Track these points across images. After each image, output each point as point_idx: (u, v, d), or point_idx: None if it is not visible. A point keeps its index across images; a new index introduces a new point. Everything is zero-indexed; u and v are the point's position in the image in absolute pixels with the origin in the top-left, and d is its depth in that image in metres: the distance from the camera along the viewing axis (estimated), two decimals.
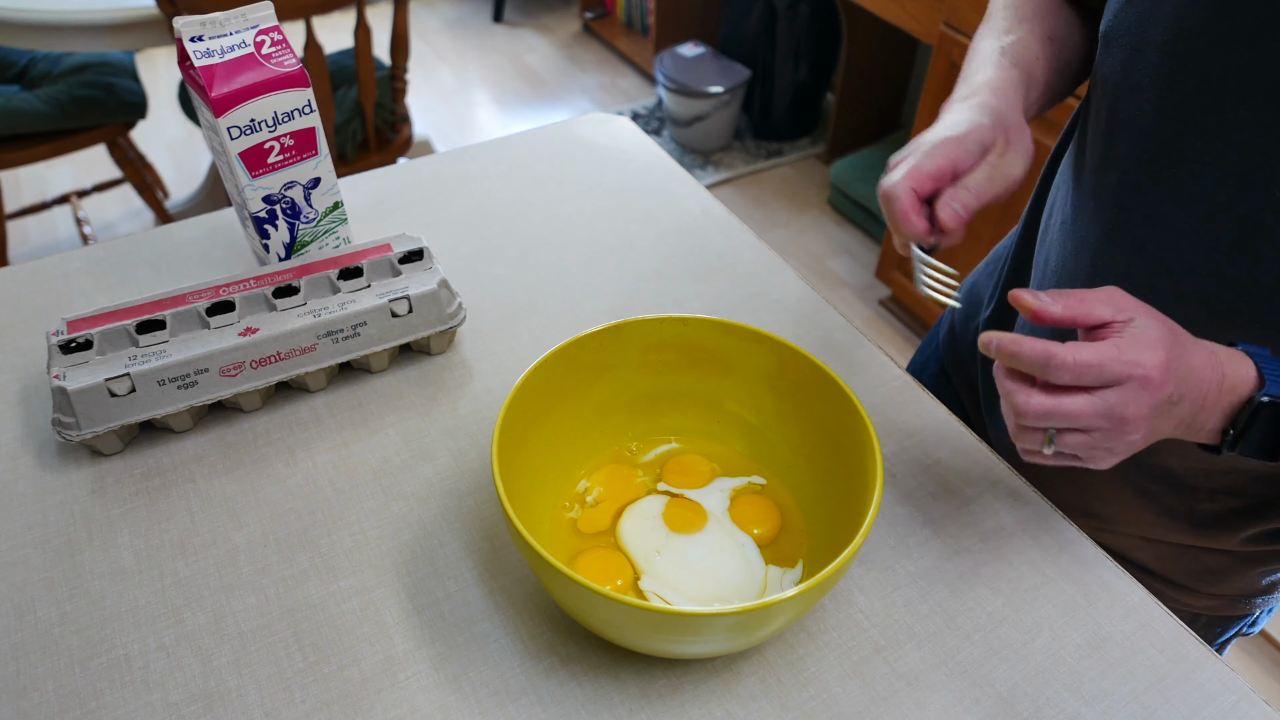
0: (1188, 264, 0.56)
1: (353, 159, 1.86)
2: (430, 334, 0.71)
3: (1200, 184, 0.54)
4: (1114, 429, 0.46)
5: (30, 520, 0.60)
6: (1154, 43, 0.54)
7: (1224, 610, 0.72)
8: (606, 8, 3.43)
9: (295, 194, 0.71)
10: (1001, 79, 0.59)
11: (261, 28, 0.67)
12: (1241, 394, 0.48)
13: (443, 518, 0.62)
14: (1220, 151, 0.53)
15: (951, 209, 0.53)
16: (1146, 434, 0.47)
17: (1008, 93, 0.58)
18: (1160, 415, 0.46)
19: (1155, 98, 0.55)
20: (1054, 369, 0.45)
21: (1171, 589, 0.71)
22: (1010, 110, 0.57)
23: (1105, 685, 0.54)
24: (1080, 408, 0.45)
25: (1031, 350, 0.45)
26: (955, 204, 0.53)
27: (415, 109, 3.00)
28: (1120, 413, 0.45)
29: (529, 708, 0.52)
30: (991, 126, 0.54)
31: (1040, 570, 0.60)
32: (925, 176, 0.52)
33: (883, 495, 0.51)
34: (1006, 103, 0.57)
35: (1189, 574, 0.70)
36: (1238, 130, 0.52)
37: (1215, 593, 0.71)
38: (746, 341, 0.61)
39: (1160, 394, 0.45)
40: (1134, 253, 0.59)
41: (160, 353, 0.63)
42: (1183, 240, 0.56)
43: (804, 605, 0.49)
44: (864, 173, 2.45)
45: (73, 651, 0.54)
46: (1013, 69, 0.60)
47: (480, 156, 0.96)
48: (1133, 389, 0.45)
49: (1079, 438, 0.47)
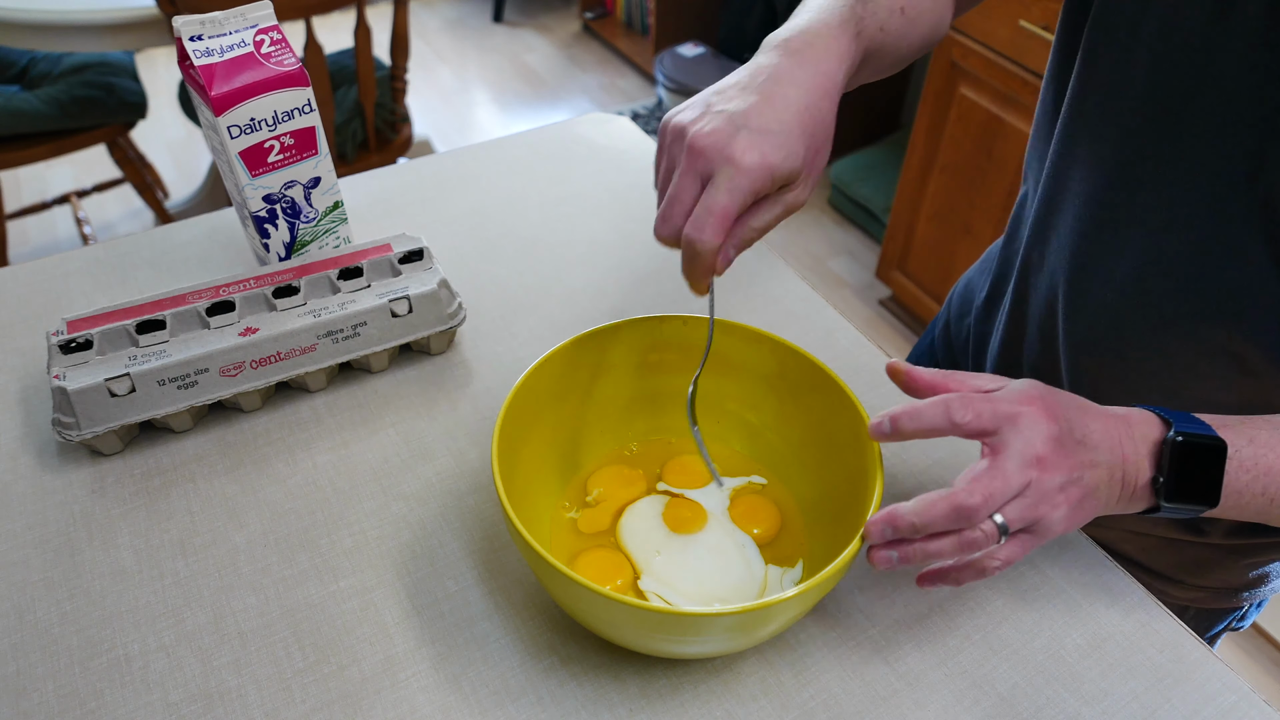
0: (1169, 265, 0.57)
1: (353, 159, 1.86)
2: (430, 334, 0.71)
3: (1179, 187, 0.55)
4: (1038, 476, 0.46)
5: (30, 520, 0.60)
6: (1145, 42, 0.54)
7: (1211, 603, 0.72)
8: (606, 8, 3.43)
9: (295, 193, 0.71)
10: (837, 59, 0.54)
11: (261, 27, 0.67)
12: (1153, 439, 0.49)
13: (443, 518, 0.62)
14: (1205, 151, 0.53)
15: (730, 256, 0.51)
16: (1074, 480, 0.47)
17: (834, 89, 0.53)
18: (1073, 452, 0.47)
19: (1144, 98, 0.55)
20: (954, 409, 0.46)
21: (1158, 581, 0.71)
22: (829, 120, 0.53)
23: (1105, 685, 0.54)
24: (1007, 467, 0.46)
25: (930, 404, 0.47)
26: (732, 251, 0.51)
27: (415, 109, 3.00)
28: (1031, 452, 0.46)
29: (529, 708, 0.52)
30: (804, 156, 0.51)
31: (1040, 570, 0.60)
32: (731, 221, 0.50)
33: (883, 495, 0.51)
34: (829, 110, 0.53)
35: (1175, 566, 0.70)
36: (1222, 131, 0.52)
37: (1202, 585, 0.71)
38: (746, 341, 0.61)
39: (1053, 423, 0.47)
40: (1118, 254, 0.59)
41: (160, 353, 0.63)
42: (1166, 241, 0.56)
43: (804, 605, 0.49)
44: (864, 173, 2.45)
45: (73, 651, 0.54)
46: (854, 42, 0.55)
47: (480, 156, 0.96)
48: (1026, 426, 0.46)
49: (1017, 505, 0.47)
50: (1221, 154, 0.52)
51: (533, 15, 3.62)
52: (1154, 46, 0.54)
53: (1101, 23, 0.57)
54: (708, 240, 0.49)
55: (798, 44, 0.53)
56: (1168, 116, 0.54)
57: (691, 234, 0.49)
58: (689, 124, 0.50)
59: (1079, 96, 0.60)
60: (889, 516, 0.46)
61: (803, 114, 0.50)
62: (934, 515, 0.45)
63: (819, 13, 0.55)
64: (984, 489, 0.45)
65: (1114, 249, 0.59)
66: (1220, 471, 0.49)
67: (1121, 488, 0.49)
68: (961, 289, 0.86)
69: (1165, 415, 0.50)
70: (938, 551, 0.47)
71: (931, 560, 0.48)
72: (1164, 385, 0.61)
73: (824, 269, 2.38)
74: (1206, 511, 0.50)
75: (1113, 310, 0.61)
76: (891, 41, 0.59)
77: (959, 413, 0.46)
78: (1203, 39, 0.51)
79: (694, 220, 0.49)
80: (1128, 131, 0.57)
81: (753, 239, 0.52)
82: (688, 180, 0.49)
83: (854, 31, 0.55)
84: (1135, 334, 0.60)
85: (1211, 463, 0.49)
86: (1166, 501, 0.49)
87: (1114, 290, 0.60)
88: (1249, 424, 0.51)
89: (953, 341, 0.85)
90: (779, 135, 0.49)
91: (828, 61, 0.53)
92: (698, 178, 0.49)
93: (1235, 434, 0.50)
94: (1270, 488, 0.50)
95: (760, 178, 0.48)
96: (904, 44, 0.61)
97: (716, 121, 0.49)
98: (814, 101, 0.51)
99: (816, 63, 0.52)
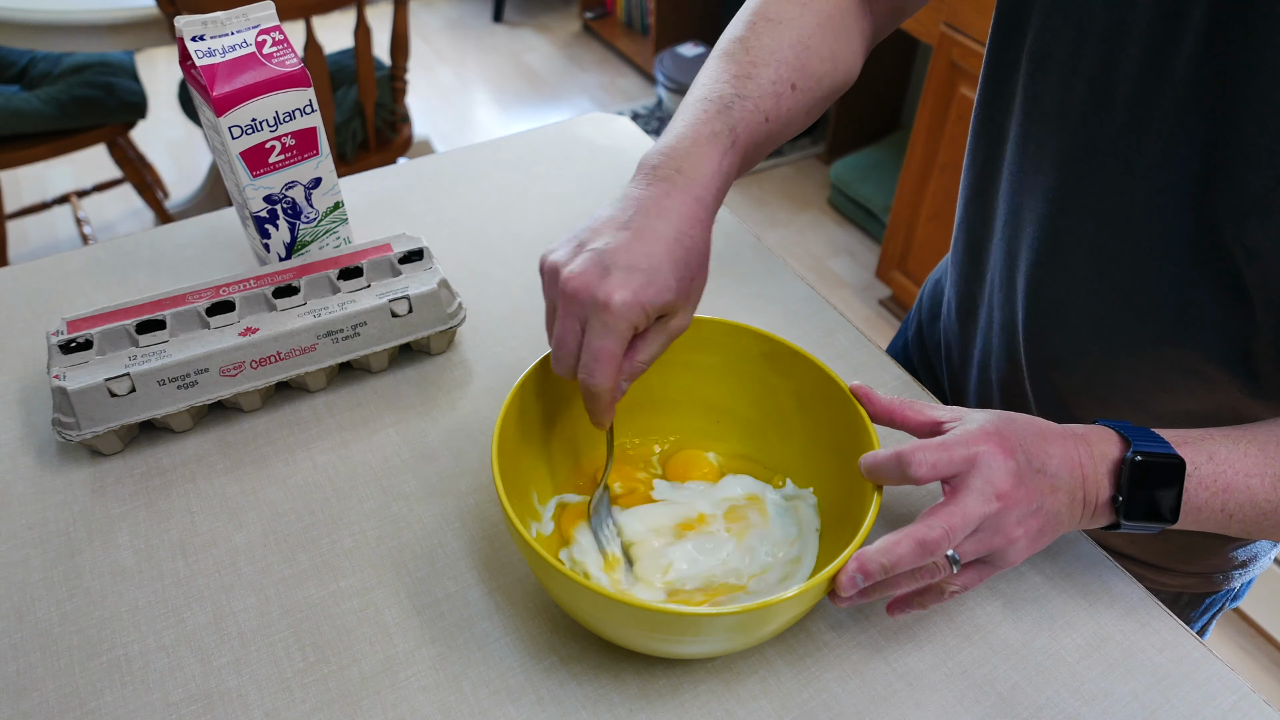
0: (1120, 291, 0.57)
1: (353, 159, 1.86)
2: (430, 334, 0.71)
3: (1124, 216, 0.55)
4: (999, 509, 0.47)
5: (30, 520, 0.60)
6: (1083, 75, 0.54)
7: (1203, 587, 0.73)
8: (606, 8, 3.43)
9: (296, 194, 0.71)
10: (708, 178, 0.54)
11: (263, 27, 0.67)
12: (1112, 457, 0.50)
13: (443, 518, 0.62)
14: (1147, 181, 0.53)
15: (622, 389, 0.53)
16: (1034, 511, 0.48)
17: (705, 213, 0.53)
18: (1032, 484, 0.48)
19: (1082, 129, 0.55)
20: (909, 464, 0.47)
21: (1149, 570, 0.72)
22: (702, 246, 0.53)
23: (1105, 685, 0.54)
24: (967, 502, 0.47)
25: (885, 458, 0.49)
26: (624, 384, 0.53)
27: (415, 109, 3.00)
28: (991, 490, 0.47)
29: (529, 708, 0.52)
30: (677, 288, 0.51)
31: (1040, 570, 0.60)
32: (617, 360, 0.50)
33: (883, 495, 0.51)
34: (701, 236, 0.53)
35: (1164, 554, 0.71)
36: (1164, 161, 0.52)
37: (1192, 570, 0.71)
38: (746, 341, 0.61)
39: (1010, 459, 0.47)
40: (1071, 279, 0.60)
41: (160, 353, 0.63)
42: (1115, 267, 0.57)
43: (804, 605, 0.49)
44: (864, 173, 2.45)
45: (73, 651, 0.54)
46: (727, 153, 0.55)
47: (480, 156, 0.96)
48: (984, 465, 0.47)
49: (973, 539, 0.48)
50: (1162, 183, 0.53)
51: (533, 15, 3.62)
52: (1092, 79, 0.54)
53: (1037, 56, 0.57)
54: (600, 383, 0.50)
55: (666, 170, 0.53)
56: (1108, 146, 0.54)
57: (584, 379, 0.50)
58: (561, 265, 0.51)
59: (1023, 125, 0.60)
60: (860, 567, 0.47)
61: (673, 246, 0.51)
62: (899, 554, 0.46)
63: (689, 125, 0.55)
64: (944, 523, 0.46)
65: (1067, 273, 0.60)
66: (1179, 489, 0.49)
67: (1083, 508, 0.50)
68: (930, 289, 0.86)
69: (1125, 433, 0.51)
70: (895, 585, 0.49)
71: (890, 592, 0.49)
72: (1131, 398, 0.61)
73: (824, 269, 2.38)
74: (1166, 528, 0.51)
75: (1073, 333, 0.61)
76: (784, 120, 0.59)
77: (915, 469, 0.47)
78: (1141, 71, 0.51)
79: (583, 367, 0.50)
80: (1070, 159, 0.57)
81: (640, 371, 0.52)
82: (568, 323, 0.50)
83: (727, 142, 0.55)
84: (1097, 355, 0.61)
85: (1171, 481, 0.49)
86: (1126, 520, 0.50)
87: (1072, 314, 0.61)
88: (1210, 439, 0.51)
89: (926, 344, 0.86)
90: (647, 272, 0.49)
91: (697, 186, 0.53)
92: (576, 320, 0.50)
93: (1195, 450, 0.50)
94: (1229, 504, 0.51)
95: (633, 315, 0.49)
96: (801, 114, 0.61)
97: (585, 262, 0.50)
98: (684, 231, 0.51)
99: (686, 189, 0.52)
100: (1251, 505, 0.51)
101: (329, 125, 1.68)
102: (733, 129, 0.55)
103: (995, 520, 0.47)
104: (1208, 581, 0.72)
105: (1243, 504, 0.51)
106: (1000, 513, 0.47)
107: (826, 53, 0.61)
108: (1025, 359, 0.66)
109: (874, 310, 2.26)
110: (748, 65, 0.58)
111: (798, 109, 0.60)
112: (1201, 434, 0.52)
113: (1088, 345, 0.61)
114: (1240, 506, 0.51)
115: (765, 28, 0.60)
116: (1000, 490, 0.47)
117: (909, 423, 0.53)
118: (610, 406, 0.52)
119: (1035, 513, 0.48)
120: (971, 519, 0.46)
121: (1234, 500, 0.50)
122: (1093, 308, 0.59)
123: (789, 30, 0.60)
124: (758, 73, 0.58)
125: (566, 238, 0.52)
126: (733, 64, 0.58)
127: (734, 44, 0.60)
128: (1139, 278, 0.56)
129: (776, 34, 0.59)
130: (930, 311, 0.85)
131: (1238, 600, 0.77)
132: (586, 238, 0.51)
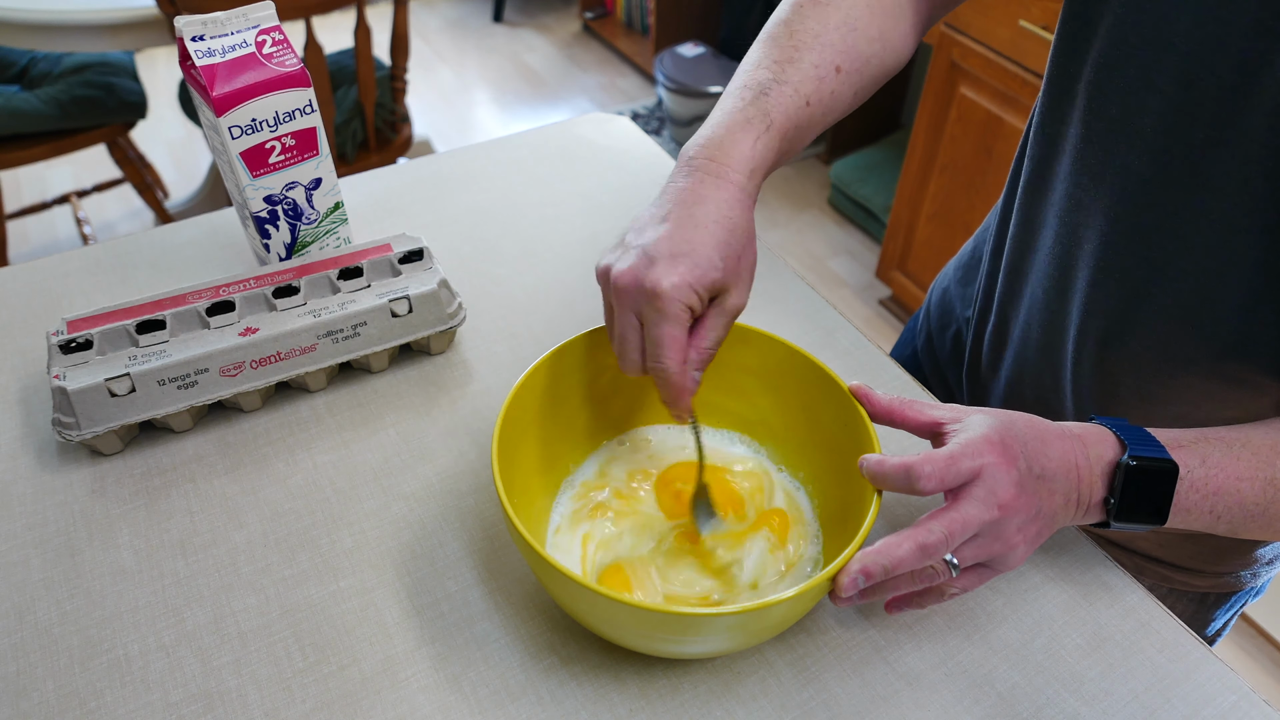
0: (1186, 310, 0.56)
1: (353, 159, 1.86)
2: (430, 334, 0.71)
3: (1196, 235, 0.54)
4: (1000, 517, 0.47)
5: (30, 520, 0.61)
6: (1160, 89, 0.53)
7: (1230, 587, 0.73)
8: (606, 8, 3.43)
9: (297, 194, 0.71)
10: (745, 162, 0.55)
11: (263, 27, 0.67)
12: (1107, 459, 0.50)
13: (443, 518, 0.62)
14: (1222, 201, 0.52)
15: (695, 378, 0.54)
16: (1033, 517, 0.49)
17: (744, 195, 0.55)
18: (1033, 491, 0.48)
19: (1157, 146, 0.54)
20: (918, 478, 0.47)
21: (1178, 573, 0.72)
22: (744, 225, 0.54)
23: (1105, 685, 0.54)
24: (968, 509, 0.47)
25: (893, 467, 0.48)
26: (695, 373, 0.54)
27: (415, 109, 3.00)
28: (994, 500, 0.47)
29: (529, 708, 0.52)
30: (724, 266, 0.52)
31: (1040, 570, 0.60)
32: (681, 344, 0.52)
33: (882, 496, 0.51)
34: (742, 215, 0.54)
35: (1194, 557, 0.71)
36: (1242, 182, 0.51)
37: (1220, 571, 0.72)
38: (746, 341, 0.61)
39: (1013, 469, 0.48)
40: (1137, 300, 0.58)
41: (160, 353, 0.63)
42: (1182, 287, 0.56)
43: (804, 605, 0.49)
44: (864, 173, 2.45)
45: (73, 651, 0.54)
46: (762, 137, 0.56)
47: (480, 156, 0.96)
48: (989, 477, 0.47)
49: (973, 544, 0.48)
50: (1237, 201, 0.52)
51: (533, 15, 3.62)
52: (1171, 95, 0.53)
53: (1106, 65, 0.56)
54: (668, 366, 0.52)
55: (701, 160, 0.55)
56: (1183, 163, 0.53)
57: (653, 367, 0.53)
58: (611, 266, 0.53)
59: (1083, 138, 0.59)
60: (863, 569, 0.47)
61: (713, 228, 0.53)
62: (899, 556, 0.46)
63: (725, 114, 0.57)
64: (945, 527, 0.47)
65: (1127, 291, 0.59)
66: (1170, 492, 0.50)
67: (1076, 507, 0.51)
68: (939, 298, 0.86)
69: (1121, 434, 0.51)
70: (895, 586, 0.49)
71: (889, 593, 0.50)
72: (1176, 411, 0.61)
73: (824, 269, 2.38)
74: (1153, 529, 0.51)
75: (1129, 351, 0.61)
76: (827, 104, 0.60)
77: (924, 484, 0.47)
78: (1229, 88, 0.50)
79: (650, 354, 0.52)
80: (1138, 175, 0.56)
81: (709, 357, 0.54)
82: (625, 319, 0.53)
83: (761, 127, 0.56)
84: (1152, 371, 0.60)
85: (1163, 485, 0.50)
86: (1116, 521, 0.51)
87: (1130, 331, 0.60)
88: (1204, 441, 0.51)
89: (938, 354, 0.85)
90: (691, 255, 0.51)
91: (735, 171, 0.55)
92: (632, 314, 0.52)
93: (1189, 454, 0.51)
94: (1218, 506, 0.51)
95: (685, 297, 0.51)
96: (849, 96, 0.61)
97: (631, 258, 0.52)
98: (724, 213, 0.53)
99: (720, 175, 0.55)
100: (1240, 508, 0.51)
101: (329, 125, 1.68)
102: (767, 114, 0.56)
103: (995, 527, 0.48)
104: (1235, 580, 0.72)
105: (1231, 506, 0.51)
106: (1000, 520, 0.47)
107: (875, 33, 0.61)
108: (1070, 376, 0.65)
109: (874, 310, 2.26)
110: (790, 49, 0.59)
111: (844, 91, 0.60)
112: (1196, 436, 0.52)
113: (1143, 362, 0.60)
114: (1229, 509, 0.51)
115: (811, 9, 0.60)
116: (1002, 500, 0.47)
117: (909, 423, 0.53)
118: (685, 394, 0.53)
119: (1034, 518, 0.49)
120: (971, 525, 0.47)
121: (1223, 503, 0.51)
122: (1152, 325, 0.58)
123: (835, 11, 0.60)
124: (800, 56, 0.58)
125: (614, 243, 0.55)
126: (775, 48, 0.59)
127: (779, 27, 0.60)
128: (1203, 294, 0.55)
129: (823, 16, 0.60)
130: (940, 321, 0.84)
131: (1259, 594, 0.77)
132: (631, 238, 0.54)
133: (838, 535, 0.56)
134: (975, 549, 0.48)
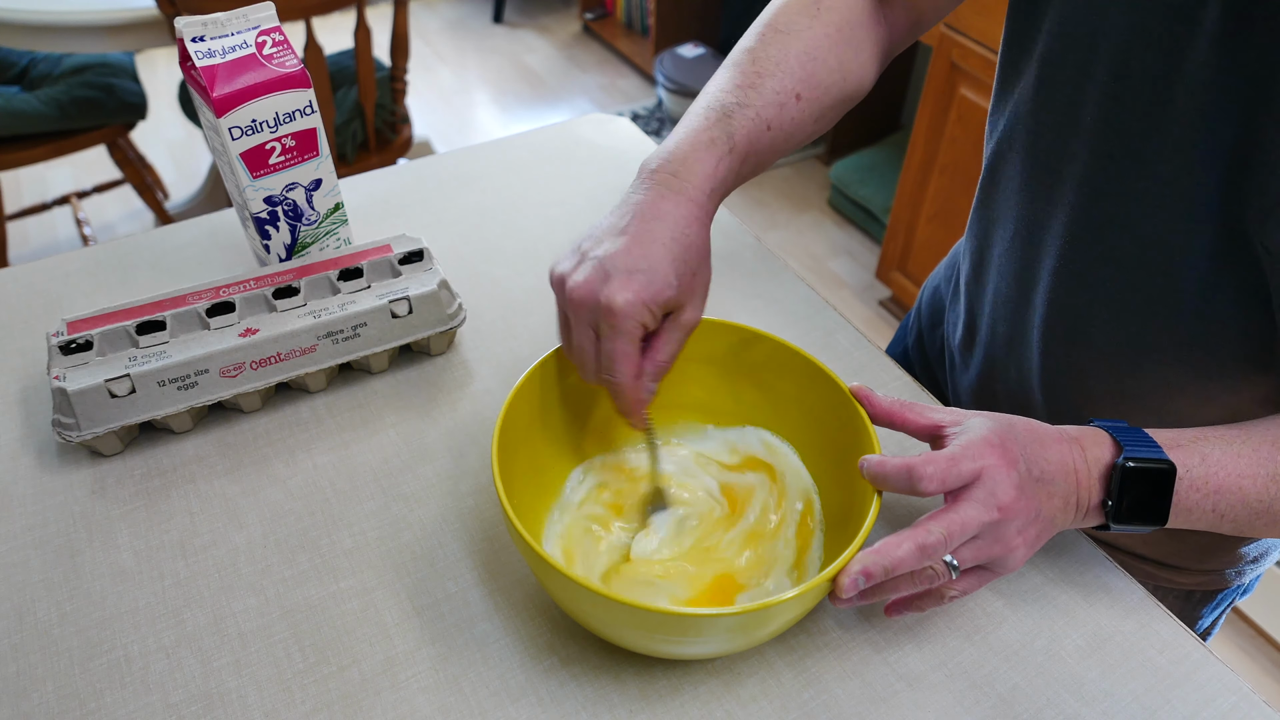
0: (1145, 302, 0.57)
1: (353, 160, 1.86)
2: (430, 335, 0.71)
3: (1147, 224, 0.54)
4: (1000, 519, 0.48)
5: (30, 521, 0.60)
6: (1098, 81, 0.54)
7: (1216, 584, 0.73)
8: (606, 8, 3.43)
9: (297, 195, 0.71)
10: (704, 180, 0.56)
11: (263, 28, 0.67)
12: (1104, 461, 0.51)
13: (443, 518, 0.62)
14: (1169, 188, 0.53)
15: (650, 389, 0.55)
16: (1032, 519, 0.49)
17: (702, 213, 0.55)
18: (1032, 494, 0.48)
19: (1098, 137, 0.55)
20: (919, 479, 0.47)
21: (1163, 570, 0.72)
22: (700, 242, 0.55)
23: (1106, 686, 0.54)
24: (968, 511, 0.47)
25: (894, 468, 0.49)
26: (651, 384, 0.54)
27: (415, 109, 3.00)
28: (995, 502, 0.47)
29: (529, 708, 0.52)
30: (678, 283, 0.53)
31: (1040, 571, 0.60)
32: (634, 360, 0.53)
33: (883, 496, 0.51)
34: (698, 233, 0.55)
35: (1178, 554, 0.71)
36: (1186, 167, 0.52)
37: (1205, 568, 0.72)
38: (746, 341, 0.61)
39: (1013, 471, 0.48)
40: (1097, 289, 0.59)
41: (160, 353, 0.63)
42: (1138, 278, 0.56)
43: (804, 605, 0.49)
44: (864, 173, 2.45)
45: (73, 652, 0.54)
46: (724, 158, 0.57)
47: (480, 157, 0.96)
48: (989, 479, 0.47)
49: (973, 546, 0.48)
50: (1183, 190, 0.52)
51: (533, 16, 3.62)
52: (1107, 86, 0.54)
53: (1049, 62, 0.57)
54: (621, 380, 0.52)
55: (663, 175, 0.56)
56: (1127, 155, 0.54)
57: (606, 377, 0.53)
58: (567, 276, 0.53)
59: (1033, 133, 0.60)
60: (863, 570, 0.47)
61: (670, 245, 0.53)
62: (899, 557, 0.47)
63: (689, 131, 0.58)
64: (945, 528, 0.47)
65: (1088, 284, 0.59)
66: (1169, 493, 0.50)
67: (1075, 510, 0.51)
68: (930, 295, 0.86)
69: (1117, 436, 0.51)
70: (895, 588, 0.50)
71: (889, 594, 0.50)
72: (1150, 404, 0.61)
73: (824, 269, 2.38)
74: (1155, 529, 0.51)
75: (1093, 343, 0.61)
76: (788, 129, 0.61)
77: (926, 485, 0.48)
78: (1157, 77, 0.51)
79: (604, 367, 0.53)
80: (1088, 168, 0.56)
81: (664, 368, 0.55)
82: (582, 331, 0.53)
83: (725, 148, 0.57)
84: (1118, 363, 0.61)
85: (1161, 486, 0.50)
86: (1115, 523, 0.51)
87: (1093, 324, 0.61)
88: (1203, 440, 0.52)
89: (927, 351, 0.85)
90: (647, 272, 0.52)
91: (691, 188, 0.55)
92: (588, 327, 0.53)
93: (1187, 453, 0.51)
94: (1220, 505, 0.51)
95: (638, 314, 0.51)
96: (809, 123, 0.62)
97: (587, 270, 0.52)
98: (681, 230, 0.54)
99: (680, 191, 0.55)
100: (1243, 505, 0.51)
101: (329, 126, 1.68)
102: (731, 135, 0.57)
103: (995, 529, 0.48)
104: (1220, 578, 0.73)
105: (1234, 504, 0.51)
106: (1000, 522, 0.48)
107: (835, 64, 0.62)
108: (1039, 370, 0.66)
109: (874, 311, 2.26)
110: (753, 75, 0.60)
111: (803, 118, 0.61)
112: (1195, 435, 0.52)
113: (1109, 354, 0.61)
114: (1231, 507, 0.51)
115: (774, 39, 0.61)
116: (1002, 502, 0.47)
117: (909, 425, 0.53)
118: (639, 405, 0.54)
119: (1034, 521, 0.49)
120: (970, 526, 0.47)
121: (1225, 501, 0.51)
122: (1115, 316, 0.59)
123: (797, 41, 0.61)
124: (762, 83, 0.59)
125: (571, 249, 0.55)
126: (739, 74, 0.60)
127: (743, 54, 0.62)
128: (1161, 285, 0.55)
129: (784, 45, 0.61)
130: (930, 319, 0.85)
131: (1248, 593, 0.77)
132: (588, 247, 0.54)
133: (838, 536, 0.56)
134: (975, 551, 0.48)
